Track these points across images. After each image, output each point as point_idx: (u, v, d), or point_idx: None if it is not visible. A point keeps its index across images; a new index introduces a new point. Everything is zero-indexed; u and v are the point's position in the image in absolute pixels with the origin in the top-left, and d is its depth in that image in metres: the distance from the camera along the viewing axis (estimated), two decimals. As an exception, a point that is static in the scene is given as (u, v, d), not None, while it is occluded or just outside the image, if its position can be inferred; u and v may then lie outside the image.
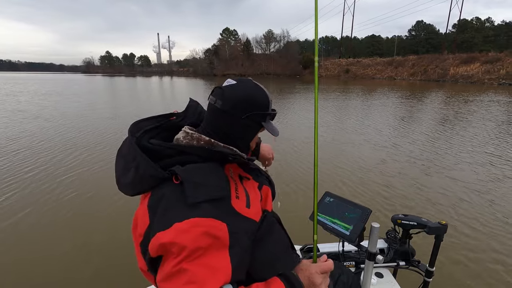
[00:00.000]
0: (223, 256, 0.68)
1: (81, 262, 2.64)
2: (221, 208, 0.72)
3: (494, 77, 33.04)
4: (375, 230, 1.15)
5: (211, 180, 0.73)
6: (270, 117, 0.89)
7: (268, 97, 0.88)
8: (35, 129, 8.28)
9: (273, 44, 69.77)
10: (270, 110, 0.88)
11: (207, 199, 0.69)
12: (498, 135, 7.59)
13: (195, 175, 0.71)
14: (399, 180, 4.58)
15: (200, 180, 0.71)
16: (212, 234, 0.67)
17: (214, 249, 0.67)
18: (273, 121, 0.94)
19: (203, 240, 0.65)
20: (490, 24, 60.61)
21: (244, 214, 0.77)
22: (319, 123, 5.29)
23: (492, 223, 3.29)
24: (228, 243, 0.69)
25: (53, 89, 25.23)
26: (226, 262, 0.68)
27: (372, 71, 50.85)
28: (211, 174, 0.74)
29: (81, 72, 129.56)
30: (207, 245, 0.66)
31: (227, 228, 0.69)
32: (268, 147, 1.33)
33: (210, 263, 0.65)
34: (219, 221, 0.69)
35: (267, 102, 0.87)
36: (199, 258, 0.65)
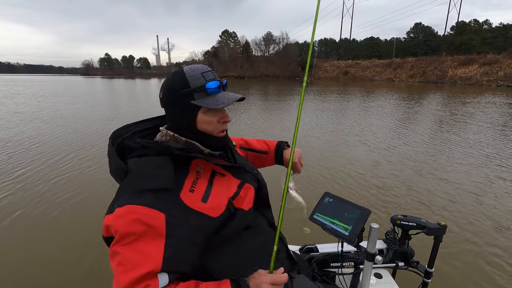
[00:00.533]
0: (157, 245, 0.70)
1: (74, 262, 2.63)
2: (164, 199, 0.73)
3: (492, 78, 33.20)
4: (374, 231, 1.15)
5: (157, 172, 0.75)
6: (198, 92, 0.81)
7: (185, 74, 0.82)
8: (31, 131, 8.27)
9: (272, 46, 70.09)
10: (195, 85, 0.81)
11: (150, 189, 0.72)
12: (493, 136, 7.62)
13: (142, 166, 0.76)
14: (398, 181, 4.59)
15: (146, 171, 0.75)
16: (145, 221, 0.69)
17: (149, 236, 0.70)
18: (231, 93, 0.88)
19: (135, 226, 0.69)
20: (488, 26, 61.00)
21: (195, 208, 0.77)
22: (317, 124, 5.22)
23: (484, 223, 3.30)
24: (164, 232, 0.71)
25: (52, 91, 25.19)
26: (158, 251, 0.69)
27: (371, 73, 51.03)
28: (160, 166, 0.76)
29: (80, 74, 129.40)
30: (141, 232, 0.69)
31: (164, 219, 0.71)
32: (295, 152, 1.25)
33: (142, 249, 0.68)
34: (156, 210, 0.71)
35: (185, 79, 0.81)
36: (132, 243, 0.69)
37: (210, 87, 0.82)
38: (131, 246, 0.69)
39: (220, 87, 0.84)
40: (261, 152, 1.31)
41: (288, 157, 1.26)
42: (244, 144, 1.34)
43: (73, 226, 3.28)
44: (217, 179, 0.87)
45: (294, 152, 1.18)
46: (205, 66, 0.85)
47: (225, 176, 0.90)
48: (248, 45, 68.71)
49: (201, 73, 0.82)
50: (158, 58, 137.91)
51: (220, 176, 0.89)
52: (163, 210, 0.72)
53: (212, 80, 0.83)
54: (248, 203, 0.92)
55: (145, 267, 0.67)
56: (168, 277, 0.71)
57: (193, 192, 0.79)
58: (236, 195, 0.89)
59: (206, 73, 0.83)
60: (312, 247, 1.56)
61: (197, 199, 0.79)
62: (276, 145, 1.31)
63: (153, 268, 0.68)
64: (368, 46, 77.69)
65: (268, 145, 1.33)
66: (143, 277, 0.67)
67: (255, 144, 1.33)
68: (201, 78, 0.81)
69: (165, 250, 0.70)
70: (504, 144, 6.85)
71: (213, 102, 0.81)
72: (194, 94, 0.81)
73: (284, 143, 1.32)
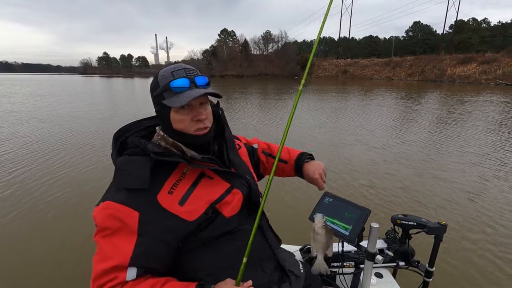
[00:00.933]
0: (129, 240, 0.74)
1: (68, 262, 2.62)
2: (139, 199, 0.76)
3: (491, 77, 33.24)
4: (374, 230, 1.14)
5: (135, 172, 0.76)
6: (166, 91, 0.80)
7: (157, 76, 0.82)
8: (27, 131, 8.24)
9: (271, 45, 69.95)
10: (162, 84, 0.81)
11: (126, 187, 0.76)
12: (486, 134, 7.64)
13: (124, 165, 0.78)
14: (397, 181, 4.59)
15: (125, 170, 0.77)
16: (119, 217, 0.74)
17: (123, 232, 0.74)
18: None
19: (110, 221, 0.74)
20: (486, 25, 61.05)
21: (170, 210, 0.78)
22: (315, 124, 5.23)
23: (478, 221, 3.31)
24: (136, 230, 0.75)
25: (49, 90, 25.09)
26: (129, 247, 0.74)
27: (370, 72, 51.01)
28: (138, 167, 0.77)
29: (79, 73, 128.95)
30: (116, 227, 0.74)
31: (138, 217, 0.75)
32: (316, 165, 1.17)
33: (115, 243, 0.74)
34: (130, 208, 0.75)
35: (156, 80, 0.82)
36: (108, 236, 0.75)
37: (174, 86, 0.79)
38: (106, 238, 0.75)
39: (190, 84, 0.80)
40: (281, 161, 1.23)
41: (310, 173, 1.15)
42: (266, 148, 1.29)
43: (62, 226, 3.26)
44: (204, 182, 0.86)
45: (313, 167, 1.15)
46: (183, 65, 0.83)
47: (213, 180, 0.89)
48: (247, 44, 68.56)
49: (171, 72, 0.81)
50: (157, 57, 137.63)
51: (207, 179, 0.87)
52: (137, 208, 0.75)
53: (181, 77, 0.80)
54: (233, 209, 0.89)
55: (114, 260, 0.73)
56: (137, 271, 0.75)
57: (171, 194, 0.80)
58: (220, 199, 0.86)
59: (176, 72, 0.81)
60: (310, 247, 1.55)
61: (174, 202, 0.79)
62: (297, 155, 1.22)
63: (121, 262, 0.73)
64: (367, 44, 77.66)
65: (290, 154, 1.24)
66: (112, 268, 0.73)
67: (276, 151, 1.26)
68: (170, 77, 0.80)
69: (135, 247, 0.74)
70: (498, 142, 6.87)
71: (176, 100, 0.79)
72: (164, 93, 0.80)
73: (306, 155, 1.22)
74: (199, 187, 0.84)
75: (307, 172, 1.16)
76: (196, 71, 0.84)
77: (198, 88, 0.82)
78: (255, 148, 1.28)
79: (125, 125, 0.90)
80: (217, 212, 0.85)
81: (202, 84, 0.83)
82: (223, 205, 0.87)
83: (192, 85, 0.81)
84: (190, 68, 0.84)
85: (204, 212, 0.82)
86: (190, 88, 0.80)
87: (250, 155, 1.21)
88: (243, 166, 1.04)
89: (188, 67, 0.84)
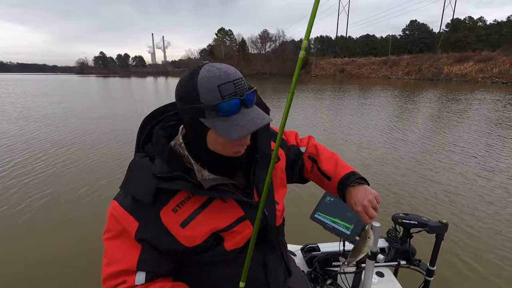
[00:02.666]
0: (132, 246, 0.72)
1: (61, 262, 2.61)
2: (144, 210, 0.71)
3: (487, 75, 33.40)
4: (375, 229, 1.14)
5: (143, 182, 0.70)
6: (210, 111, 0.64)
7: (196, 84, 0.64)
8: (15, 130, 8.22)
9: (269, 44, 69.85)
10: (207, 101, 0.63)
11: (132, 195, 0.72)
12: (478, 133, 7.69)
13: (135, 169, 0.74)
14: (397, 180, 4.60)
15: (135, 176, 0.73)
16: (121, 223, 0.71)
17: (125, 237, 0.72)
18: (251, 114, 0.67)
19: (114, 224, 0.72)
20: (482, 24, 61.32)
21: (170, 230, 0.72)
22: (315, 122, 5.24)
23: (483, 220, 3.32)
24: (133, 238, 0.72)
25: (42, 90, 24.93)
26: (134, 252, 0.72)
27: (367, 71, 51.08)
28: (148, 176, 0.70)
29: (75, 73, 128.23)
30: (119, 231, 0.72)
31: (136, 227, 0.71)
32: (362, 193, 0.88)
33: (120, 247, 0.73)
34: (132, 217, 0.71)
35: (195, 91, 0.64)
36: (113, 239, 0.73)
37: (223, 110, 0.63)
38: (111, 241, 0.74)
39: (240, 106, 0.65)
40: (324, 176, 0.99)
41: (352, 203, 0.89)
42: (314, 153, 1.04)
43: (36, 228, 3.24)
44: (214, 205, 0.76)
45: (360, 195, 0.88)
46: (228, 72, 0.65)
47: (226, 204, 0.77)
48: (244, 43, 68.44)
49: (218, 86, 0.63)
50: (154, 56, 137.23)
51: (220, 202, 0.76)
52: (138, 218, 0.71)
53: (230, 98, 0.63)
54: (237, 242, 0.79)
55: (121, 265, 0.72)
56: (145, 275, 0.73)
57: (175, 212, 0.72)
58: (228, 229, 0.77)
59: (224, 86, 0.63)
60: (313, 247, 1.55)
61: (175, 222, 0.72)
62: (344, 175, 0.94)
63: (128, 267, 0.72)
64: (364, 43, 77.74)
65: (337, 169, 0.97)
66: (120, 272, 0.72)
67: (323, 160, 1.01)
68: (216, 94, 0.63)
69: (141, 253, 0.73)
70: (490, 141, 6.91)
71: (226, 128, 0.64)
72: (206, 112, 0.64)
73: (356, 177, 0.92)
74: (206, 210, 0.75)
75: (349, 201, 0.91)
76: (243, 81, 0.67)
77: (248, 108, 0.67)
78: (302, 152, 1.06)
79: (151, 113, 0.81)
80: (219, 240, 0.78)
81: (252, 102, 0.69)
82: (229, 235, 0.78)
83: (242, 106, 0.66)
84: (238, 78, 0.66)
85: (204, 241, 0.75)
86: (240, 111, 0.66)
87: (292, 162, 1.03)
88: (269, 192, 0.86)
89: (236, 74, 0.66)
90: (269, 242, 0.86)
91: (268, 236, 0.84)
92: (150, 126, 0.80)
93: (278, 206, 0.88)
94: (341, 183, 0.93)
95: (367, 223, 0.88)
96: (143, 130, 0.80)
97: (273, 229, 0.85)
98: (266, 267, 0.87)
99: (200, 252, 0.77)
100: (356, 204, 0.87)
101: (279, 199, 0.90)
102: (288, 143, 1.03)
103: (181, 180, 0.70)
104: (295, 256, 1.55)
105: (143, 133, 0.80)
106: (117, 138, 7.35)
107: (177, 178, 0.70)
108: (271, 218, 0.84)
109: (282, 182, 0.95)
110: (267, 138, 0.85)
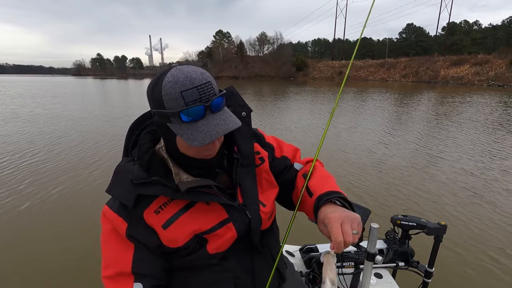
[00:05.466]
0: (125, 248, 0.73)
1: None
2: (130, 211, 0.72)
3: (483, 78, 33.76)
4: (374, 231, 1.13)
5: (126, 186, 0.71)
6: (175, 118, 0.63)
7: (160, 90, 0.62)
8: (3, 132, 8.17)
9: (267, 47, 70.10)
10: (170, 108, 0.62)
11: (116, 198, 0.74)
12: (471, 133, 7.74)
13: (119, 172, 0.74)
14: (397, 180, 4.61)
15: (119, 179, 0.73)
16: (113, 225, 0.73)
17: (118, 239, 0.73)
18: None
19: (106, 224, 0.74)
20: (478, 27, 62.01)
21: (154, 228, 0.73)
22: (311, 124, 5.19)
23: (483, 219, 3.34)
24: (125, 239, 0.72)
25: (37, 92, 24.79)
26: (127, 255, 0.72)
27: (364, 73, 51.43)
28: (127, 180, 0.72)
29: (71, 75, 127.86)
30: (110, 230, 0.73)
31: (126, 228, 0.72)
32: (342, 210, 0.73)
33: (114, 249, 0.73)
34: (121, 218, 0.72)
35: (160, 97, 0.62)
36: (107, 242, 0.74)
37: (185, 119, 0.62)
38: (106, 242, 0.74)
39: (205, 111, 0.63)
40: (308, 191, 0.86)
41: (320, 225, 0.75)
42: (308, 171, 0.91)
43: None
44: (197, 207, 0.75)
45: (334, 219, 0.70)
46: (192, 78, 0.62)
47: (210, 206, 0.76)
48: (242, 45, 68.64)
49: (181, 92, 0.61)
50: (151, 58, 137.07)
51: (202, 204, 0.75)
52: (126, 219, 0.72)
53: (194, 104, 0.61)
54: (221, 245, 0.77)
55: (116, 267, 0.72)
56: (143, 287, 0.71)
57: (157, 214, 0.73)
58: (211, 231, 0.75)
59: (187, 93, 0.61)
60: (312, 247, 1.54)
61: (158, 223, 0.73)
62: (326, 191, 0.81)
63: (123, 269, 0.71)
64: (362, 46, 78.24)
65: (323, 186, 0.84)
66: (115, 275, 0.71)
67: (314, 177, 0.89)
68: (179, 100, 0.61)
69: (134, 252, 0.73)
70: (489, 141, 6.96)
71: (189, 135, 0.63)
72: (171, 117, 0.63)
73: (340, 197, 0.80)
74: (189, 212, 0.74)
75: (319, 217, 0.76)
76: (210, 85, 0.64)
77: (214, 113, 0.65)
78: (294, 169, 0.96)
79: (141, 116, 0.81)
80: (202, 242, 0.76)
81: (219, 107, 0.66)
82: (212, 237, 0.76)
83: (208, 112, 0.64)
84: (203, 84, 0.63)
85: (185, 244, 0.74)
86: (205, 117, 0.64)
87: (278, 173, 0.94)
88: (252, 193, 0.83)
89: (201, 79, 0.63)
90: (256, 247, 0.83)
91: (253, 240, 0.81)
92: (139, 130, 0.81)
93: (265, 208, 0.84)
94: (320, 198, 0.79)
95: (340, 250, 0.68)
96: (132, 134, 0.81)
97: (256, 232, 0.81)
98: (254, 274, 0.83)
99: (184, 255, 0.77)
100: (328, 218, 0.70)
101: (267, 201, 0.86)
102: (278, 152, 0.96)
103: (158, 185, 0.70)
104: (294, 256, 1.54)
105: (131, 137, 0.80)
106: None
107: (154, 183, 0.70)
108: (254, 220, 0.80)
109: (269, 184, 0.89)
110: (249, 139, 0.84)
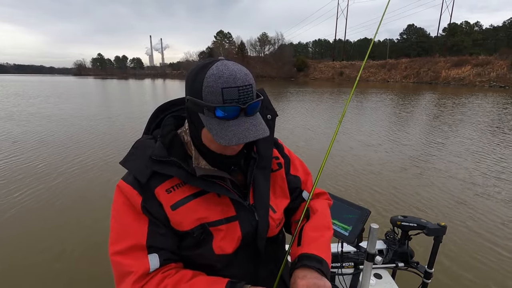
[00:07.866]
0: (140, 220, 0.71)
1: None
2: (144, 186, 0.72)
3: (485, 79, 33.69)
4: (374, 231, 1.14)
5: (140, 161, 0.72)
6: (208, 111, 0.63)
7: (203, 82, 0.63)
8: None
9: (268, 47, 70.06)
10: (207, 100, 0.63)
11: (131, 172, 0.73)
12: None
13: (138, 147, 0.75)
14: (397, 180, 4.61)
15: (136, 153, 0.74)
16: (128, 198, 0.71)
17: (133, 211, 0.71)
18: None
19: (120, 196, 0.72)
20: (479, 28, 61.90)
21: (164, 208, 0.72)
22: (309, 125, 5.19)
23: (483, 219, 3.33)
24: (140, 212, 0.71)
25: (37, 93, 24.83)
26: (142, 228, 0.70)
27: (365, 74, 51.36)
28: (145, 156, 0.72)
29: (72, 75, 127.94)
30: (124, 203, 0.71)
31: (141, 201, 0.70)
32: (304, 285, 0.69)
33: (129, 221, 0.70)
34: (136, 191, 0.71)
35: (200, 86, 0.63)
36: (121, 210, 0.72)
37: (220, 115, 0.63)
38: (119, 217, 0.72)
39: (239, 113, 0.64)
40: (298, 239, 0.83)
41: (292, 282, 0.73)
42: (312, 210, 0.91)
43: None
44: (208, 196, 0.74)
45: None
46: (236, 77, 0.62)
47: (219, 199, 0.75)
48: (243, 46, 68.62)
49: (222, 88, 0.61)
50: (151, 59, 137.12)
51: (214, 195, 0.74)
52: (141, 193, 0.71)
53: (231, 103, 0.62)
54: (227, 246, 0.75)
55: (131, 239, 0.69)
56: (159, 258, 0.70)
57: (169, 193, 0.72)
58: (217, 224, 0.74)
59: (228, 90, 0.61)
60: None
61: (167, 202, 0.72)
62: (310, 253, 0.77)
63: (138, 241, 0.69)
64: (362, 47, 78.23)
65: (313, 244, 0.80)
66: (130, 248, 0.69)
67: (312, 223, 0.86)
68: (218, 96, 0.62)
69: (149, 225, 0.71)
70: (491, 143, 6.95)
71: (218, 131, 0.63)
72: (204, 108, 0.64)
73: (322, 266, 0.75)
74: (199, 200, 0.73)
75: (290, 281, 0.74)
76: (250, 88, 0.64)
77: (247, 116, 0.65)
78: (302, 197, 0.95)
79: (167, 102, 0.84)
80: (207, 235, 0.74)
81: (253, 112, 0.67)
82: (217, 232, 0.74)
83: (242, 114, 0.65)
84: (245, 85, 0.63)
85: (190, 230, 0.72)
86: (238, 118, 0.65)
87: (288, 189, 0.92)
88: (264, 196, 0.82)
89: (244, 80, 0.63)
90: (260, 254, 0.80)
91: (258, 246, 0.79)
92: (164, 114, 0.83)
93: (275, 214, 0.82)
94: (301, 258, 0.77)
95: None
96: (157, 116, 0.83)
97: (262, 238, 0.79)
98: (258, 282, 0.79)
99: (191, 246, 0.75)
100: (296, 284, 0.70)
101: (278, 208, 0.84)
102: (293, 169, 0.95)
103: (175, 167, 0.71)
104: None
105: (155, 119, 0.83)
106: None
107: (172, 163, 0.71)
108: (262, 224, 0.78)
109: (283, 192, 0.88)
110: (270, 142, 0.86)
